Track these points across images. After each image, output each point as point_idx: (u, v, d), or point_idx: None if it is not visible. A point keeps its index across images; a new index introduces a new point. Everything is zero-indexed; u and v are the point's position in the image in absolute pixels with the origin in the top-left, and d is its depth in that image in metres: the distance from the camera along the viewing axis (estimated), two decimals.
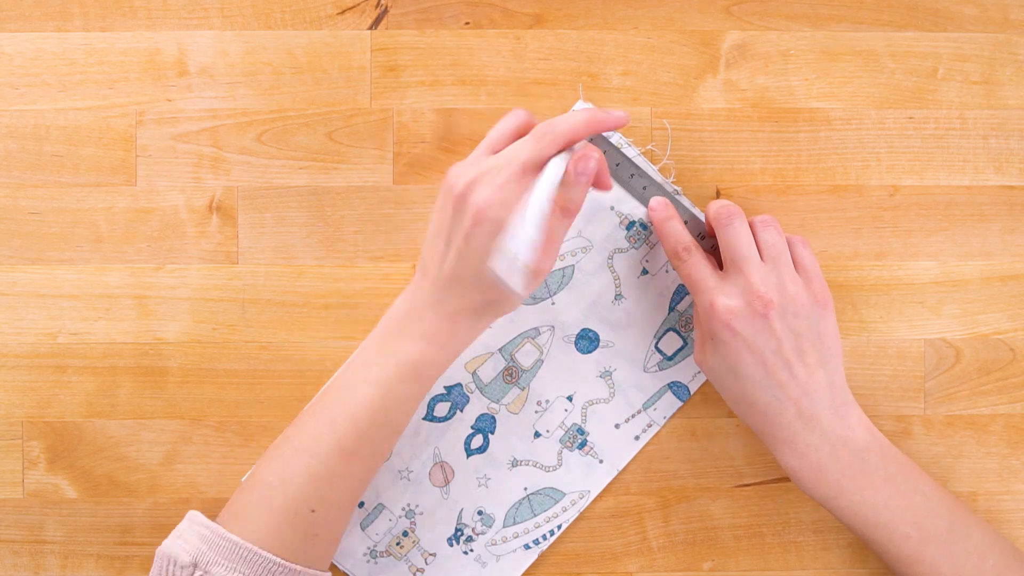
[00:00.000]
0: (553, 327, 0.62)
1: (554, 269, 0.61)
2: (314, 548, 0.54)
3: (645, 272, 0.62)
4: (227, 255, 0.61)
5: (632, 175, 0.59)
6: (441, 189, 0.53)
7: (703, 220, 0.59)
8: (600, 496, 0.62)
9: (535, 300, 0.61)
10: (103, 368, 0.61)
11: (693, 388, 0.62)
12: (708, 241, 0.60)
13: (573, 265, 0.61)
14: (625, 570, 0.62)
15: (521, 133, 0.55)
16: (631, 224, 0.61)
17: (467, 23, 0.61)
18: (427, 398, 0.61)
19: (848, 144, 0.62)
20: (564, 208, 0.53)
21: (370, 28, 0.61)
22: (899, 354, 0.62)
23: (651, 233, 0.61)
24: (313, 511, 0.54)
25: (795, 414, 0.55)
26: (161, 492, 0.61)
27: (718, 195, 0.62)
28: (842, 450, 0.55)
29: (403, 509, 0.61)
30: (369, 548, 0.61)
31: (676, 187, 0.60)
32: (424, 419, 0.61)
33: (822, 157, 0.62)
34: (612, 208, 0.61)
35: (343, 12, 0.61)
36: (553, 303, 0.62)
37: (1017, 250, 0.62)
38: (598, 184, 0.54)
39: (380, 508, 0.61)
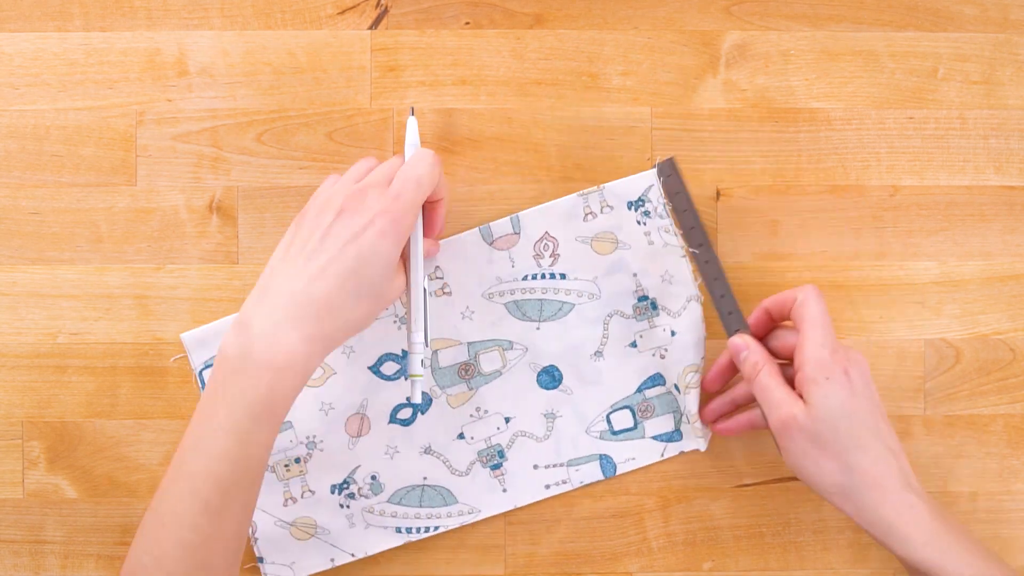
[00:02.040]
0: (527, 349, 0.61)
1: (556, 300, 0.61)
2: None
3: (634, 345, 0.61)
4: (227, 255, 0.61)
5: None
6: (307, 210, 0.54)
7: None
8: (600, 496, 0.62)
9: (524, 317, 0.61)
10: (103, 368, 0.61)
11: (620, 471, 0.61)
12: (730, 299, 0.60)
13: (575, 305, 0.61)
14: (625, 570, 0.62)
15: None
16: (643, 298, 0.61)
17: (467, 23, 0.61)
18: (378, 354, 0.61)
19: (848, 144, 0.62)
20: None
21: (370, 28, 0.61)
22: (899, 354, 0.62)
23: (658, 314, 0.61)
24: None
25: (898, 469, 0.54)
26: None
27: (718, 195, 0.62)
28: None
29: (307, 437, 0.61)
30: None
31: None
32: (370, 368, 0.61)
33: (822, 157, 0.62)
34: (635, 275, 0.61)
35: (343, 12, 0.61)
36: (538, 328, 0.61)
37: (1017, 250, 0.62)
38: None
39: (288, 425, 0.61)
